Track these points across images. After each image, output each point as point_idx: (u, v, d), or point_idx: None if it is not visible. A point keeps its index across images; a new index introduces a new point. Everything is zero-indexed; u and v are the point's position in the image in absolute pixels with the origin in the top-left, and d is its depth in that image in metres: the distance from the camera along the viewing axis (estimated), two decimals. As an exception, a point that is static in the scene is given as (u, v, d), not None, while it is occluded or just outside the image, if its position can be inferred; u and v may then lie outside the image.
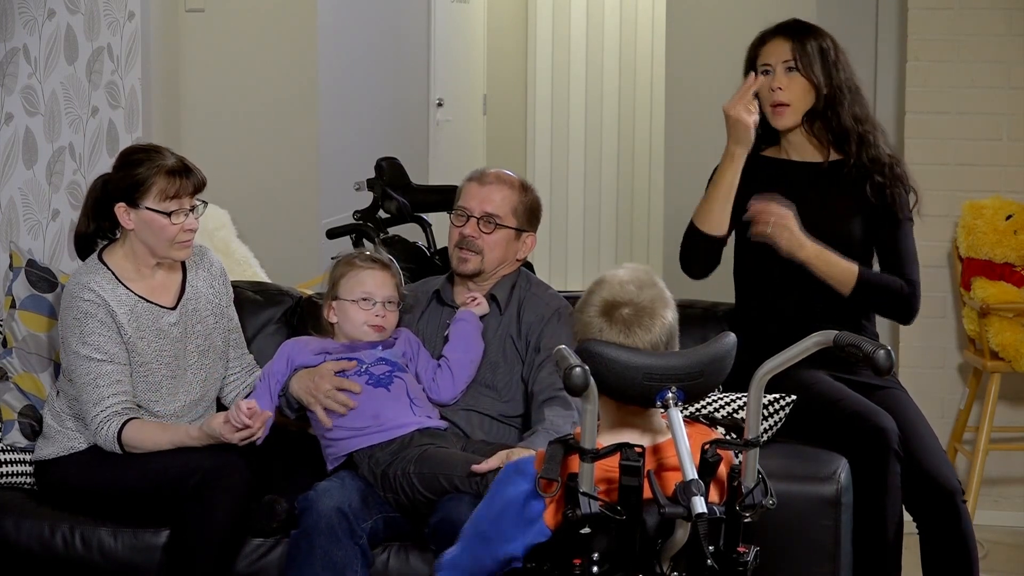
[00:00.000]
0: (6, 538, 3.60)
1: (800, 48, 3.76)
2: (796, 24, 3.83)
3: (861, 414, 3.58)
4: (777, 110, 3.79)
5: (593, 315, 2.68)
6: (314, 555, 3.36)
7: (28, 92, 4.36)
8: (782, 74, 3.77)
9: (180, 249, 3.65)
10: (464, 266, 3.74)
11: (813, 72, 3.75)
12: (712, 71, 6.56)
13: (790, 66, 3.76)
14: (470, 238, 3.72)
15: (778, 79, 3.77)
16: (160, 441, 3.55)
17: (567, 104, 9.16)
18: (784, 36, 3.79)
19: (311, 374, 3.64)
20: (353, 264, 3.74)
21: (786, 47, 3.77)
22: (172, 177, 3.58)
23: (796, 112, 3.79)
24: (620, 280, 2.71)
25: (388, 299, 3.71)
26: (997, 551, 4.96)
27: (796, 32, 3.80)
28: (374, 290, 3.70)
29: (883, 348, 2.57)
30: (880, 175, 3.77)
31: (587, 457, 2.54)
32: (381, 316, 3.69)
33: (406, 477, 3.45)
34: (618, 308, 2.66)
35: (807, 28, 3.82)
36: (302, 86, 6.16)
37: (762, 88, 3.78)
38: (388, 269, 3.75)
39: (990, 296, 4.97)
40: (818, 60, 3.76)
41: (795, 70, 3.76)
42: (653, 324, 2.66)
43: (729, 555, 2.63)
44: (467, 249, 3.73)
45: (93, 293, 3.60)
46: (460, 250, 3.74)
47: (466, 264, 3.74)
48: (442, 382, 3.67)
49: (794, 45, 3.76)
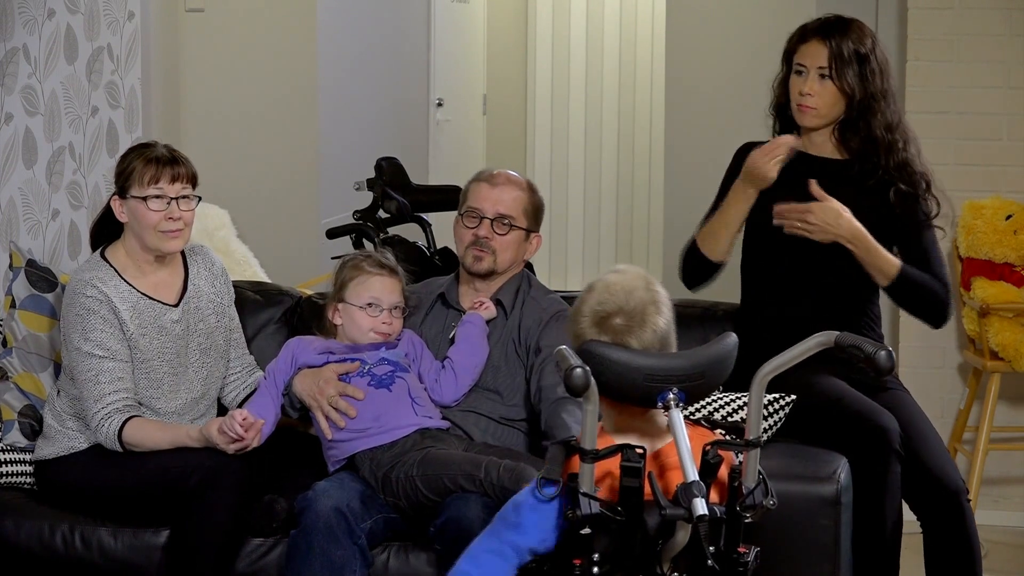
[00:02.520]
0: (6, 538, 3.60)
1: (837, 54, 3.70)
2: (836, 23, 3.75)
3: (862, 413, 3.58)
4: (804, 110, 3.76)
5: (586, 326, 2.69)
6: (313, 555, 3.36)
7: (28, 92, 4.36)
8: (815, 79, 3.73)
9: (167, 240, 3.64)
10: (479, 264, 3.73)
11: (847, 81, 3.70)
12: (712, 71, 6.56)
13: (824, 73, 3.72)
14: (485, 239, 3.72)
15: (810, 84, 3.73)
16: (160, 440, 3.56)
17: (567, 104, 9.15)
18: (822, 39, 3.73)
19: (315, 376, 3.64)
20: (362, 268, 3.72)
21: (823, 52, 3.71)
22: (151, 163, 3.61)
23: (822, 117, 3.76)
24: (609, 286, 2.70)
25: (395, 305, 3.70)
26: (997, 551, 4.96)
27: (835, 34, 3.72)
28: (382, 297, 3.69)
29: (884, 349, 2.57)
30: (905, 183, 3.74)
31: (588, 458, 2.54)
32: (387, 323, 3.69)
33: (409, 480, 3.44)
34: (609, 318, 2.66)
35: (846, 28, 3.74)
36: (302, 86, 6.16)
37: (793, 85, 3.76)
38: (396, 275, 3.74)
39: (990, 296, 4.97)
40: (854, 67, 3.70)
41: (828, 78, 3.72)
42: (644, 332, 2.66)
43: (729, 555, 2.63)
44: (481, 249, 3.72)
45: (96, 289, 3.60)
46: (474, 248, 3.73)
47: (480, 263, 3.73)
48: (445, 383, 3.67)
49: (831, 51, 3.70)
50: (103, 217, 3.75)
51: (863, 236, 3.67)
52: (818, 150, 3.82)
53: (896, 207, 3.74)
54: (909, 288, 3.72)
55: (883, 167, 3.75)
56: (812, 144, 3.82)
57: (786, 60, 3.80)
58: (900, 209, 3.74)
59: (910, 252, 3.77)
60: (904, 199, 3.74)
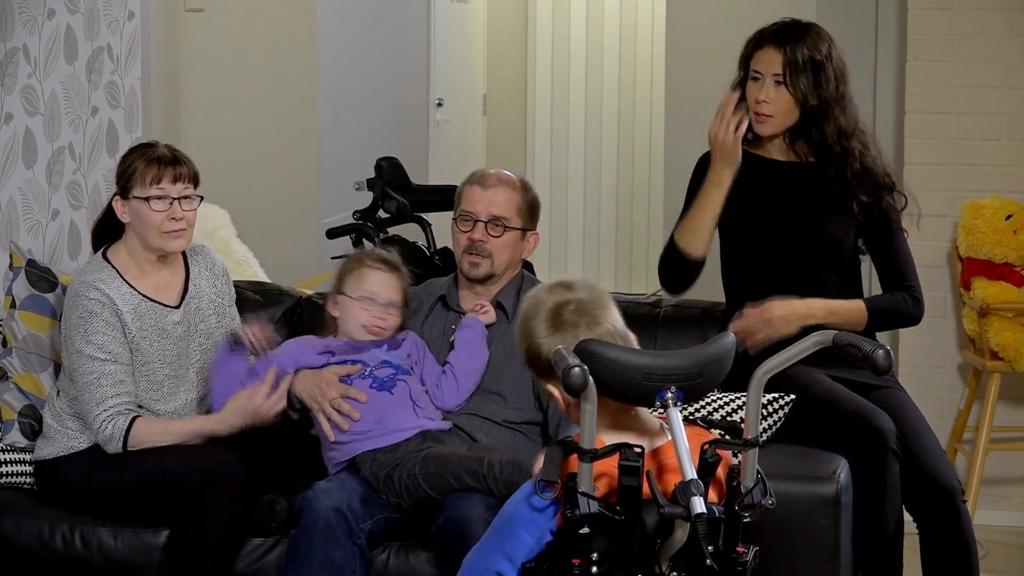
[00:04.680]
0: (6, 538, 3.60)
1: (791, 60, 3.71)
2: (792, 29, 3.77)
3: (859, 414, 3.58)
4: (760, 118, 3.78)
5: (539, 322, 2.67)
6: (312, 555, 3.36)
7: (28, 92, 4.36)
8: (770, 86, 3.74)
9: (170, 240, 3.64)
10: (475, 271, 3.73)
11: (799, 88, 3.71)
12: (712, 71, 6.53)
13: (779, 80, 3.73)
14: (479, 243, 3.72)
15: (765, 91, 3.74)
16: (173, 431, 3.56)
17: (567, 104, 9.15)
18: (777, 45, 3.74)
19: (317, 378, 3.63)
20: (362, 262, 3.74)
21: (777, 59, 3.72)
22: (153, 163, 3.61)
23: (778, 124, 3.78)
24: (547, 287, 2.71)
25: (390, 302, 3.70)
26: (997, 551, 4.96)
27: (790, 40, 3.73)
28: (377, 291, 3.69)
29: (882, 348, 2.57)
30: (865, 193, 3.75)
31: (586, 457, 2.54)
32: (380, 319, 3.69)
33: (412, 479, 3.44)
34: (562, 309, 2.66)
35: (802, 33, 3.75)
36: (302, 86, 6.16)
37: (750, 92, 3.77)
38: (396, 272, 3.74)
39: (990, 296, 4.97)
40: (808, 73, 3.71)
41: (783, 84, 3.73)
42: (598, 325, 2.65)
43: (728, 555, 2.63)
44: (477, 254, 3.72)
45: (99, 292, 3.60)
46: (470, 255, 3.73)
47: (477, 269, 3.73)
48: (447, 389, 3.66)
49: (785, 57, 3.71)
50: (104, 217, 3.75)
51: (824, 305, 3.70)
52: (771, 153, 3.84)
53: (859, 216, 3.76)
54: (881, 320, 3.78)
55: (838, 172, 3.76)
56: (774, 149, 3.84)
57: (743, 65, 3.82)
58: (864, 218, 3.77)
59: (881, 260, 3.81)
60: (867, 209, 3.76)
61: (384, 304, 3.69)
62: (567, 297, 2.68)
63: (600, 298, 2.70)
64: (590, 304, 2.67)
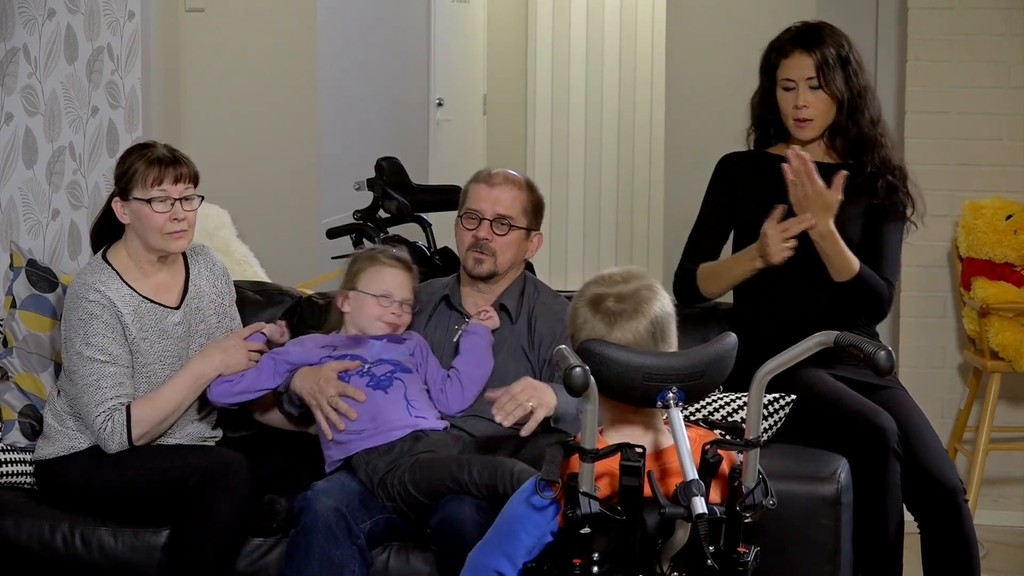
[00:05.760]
0: (6, 538, 3.60)
1: (823, 63, 3.73)
2: (812, 31, 3.78)
3: (860, 414, 3.58)
4: (801, 124, 3.78)
5: (580, 306, 2.69)
6: (312, 554, 3.35)
7: (28, 92, 4.36)
8: (806, 91, 3.75)
9: (172, 240, 3.64)
10: (479, 268, 3.73)
11: (836, 86, 3.74)
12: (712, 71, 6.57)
13: (813, 84, 3.74)
14: (484, 241, 3.72)
15: (803, 97, 3.75)
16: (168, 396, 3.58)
17: (567, 104, 9.15)
18: (805, 50, 3.75)
19: (316, 374, 3.63)
20: (377, 260, 3.74)
21: (808, 63, 3.74)
22: (154, 164, 3.60)
23: (819, 127, 3.79)
24: (610, 274, 2.72)
25: (406, 300, 3.71)
26: (997, 551, 4.96)
27: (815, 43, 3.75)
28: (395, 289, 3.70)
29: (884, 349, 2.57)
30: (891, 175, 3.78)
31: (587, 457, 2.54)
32: (397, 315, 3.70)
33: (402, 485, 3.44)
34: (604, 300, 2.67)
35: (823, 35, 3.77)
36: (302, 86, 6.16)
37: (785, 101, 3.77)
38: (409, 271, 3.75)
39: (990, 296, 4.97)
40: (839, 71, 3.74)
41: (819, 87, 3.75)
42: (637, 314, 2.65)
43: (729, 555, 2.63)
44: (481, 251, 3.72)
45: (99, 294, 3.60)
46: (474, 252, 3.72)
47: (481, 266, 3.73)
48: (451, 394, 3.66)
49: (817, 61, 3.73)
50: (103, 217, 3.75)
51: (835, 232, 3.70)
52: (814, 155, 3.82)
53: (881, 198, 3.77)
54: (860, 289, 3.73)
55: (870, 162, 3.77)
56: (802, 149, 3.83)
57: (767, 75, 3.81)
58: (884, 200, 3.77)
59: (869, 243, 3.79)
60: (889, 191, 3.78)
61: (400, 301, 3.70)
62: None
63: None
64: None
